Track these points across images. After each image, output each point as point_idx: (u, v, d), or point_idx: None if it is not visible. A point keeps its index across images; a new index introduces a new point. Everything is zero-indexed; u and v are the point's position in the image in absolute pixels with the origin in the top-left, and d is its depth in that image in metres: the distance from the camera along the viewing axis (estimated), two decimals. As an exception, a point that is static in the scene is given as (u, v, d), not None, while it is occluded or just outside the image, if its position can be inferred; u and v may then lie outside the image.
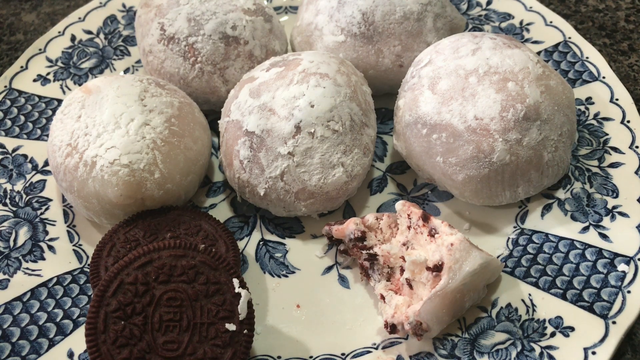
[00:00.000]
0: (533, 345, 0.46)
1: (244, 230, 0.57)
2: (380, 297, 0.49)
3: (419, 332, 0.46)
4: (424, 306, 0.45)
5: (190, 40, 0.60)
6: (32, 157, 0.61)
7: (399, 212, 0.51)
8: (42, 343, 0.49)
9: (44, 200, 0.58)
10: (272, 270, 0.54)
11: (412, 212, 0.50)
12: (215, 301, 0.44)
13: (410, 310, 0.46)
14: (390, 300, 0.48)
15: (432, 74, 0.53)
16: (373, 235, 0.52)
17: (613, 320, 0.46)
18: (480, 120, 0.50)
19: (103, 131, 0.51)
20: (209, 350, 0.43)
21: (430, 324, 0.46)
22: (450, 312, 0.47)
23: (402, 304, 0.48)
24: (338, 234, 0.52)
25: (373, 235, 0.52)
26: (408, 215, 0.50)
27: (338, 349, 0.49)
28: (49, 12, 0.79)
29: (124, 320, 0.43)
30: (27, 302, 0.51)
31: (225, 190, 0.60)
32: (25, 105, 0.65)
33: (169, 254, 0.45)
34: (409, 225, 0.50)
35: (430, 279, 0.47)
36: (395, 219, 0.52)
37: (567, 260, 0.50)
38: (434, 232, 0.48)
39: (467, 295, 0.47)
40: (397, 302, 0.48)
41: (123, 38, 0.72)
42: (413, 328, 0.46)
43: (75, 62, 0.69)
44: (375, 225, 0.52)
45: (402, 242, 0.51)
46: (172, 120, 0.54)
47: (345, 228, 0.52)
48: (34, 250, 0.55)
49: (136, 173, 0.51)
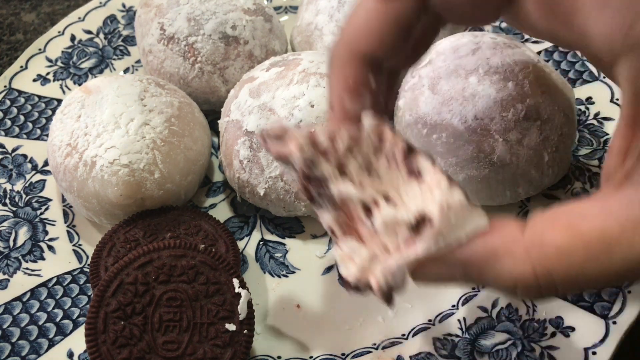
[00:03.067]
0: (533, 345, 0.46)
1: (243, 230, 0.57)
2: (331, 232, 0.36)
3: (390, 300, 0.35)
4: (395, 270, 0.34)
5: (190, 40, 0.60)
6: (32, 157, 0.61)
7: (365, 130, 0.36)
8: (41, 343, 0.49)
9: (43, 200, 0.58)
10: (272, 270, 0.54)
11: (388, 136, 0.36)
12: (215, 301, 0.44)
13: (379, 270, 0.34)
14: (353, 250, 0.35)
15: (432, 73, 0.53)
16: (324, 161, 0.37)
17: (613, 320, 0.46)
18: (481, 120, 0.50)
19: (103, 131, 0.51)
20: (208, 350, 0.43)
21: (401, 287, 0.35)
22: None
23: (366, 258, 0.35)
24: (279, 154, 0.37)
25: (324, 161, 0.37)
26: (380, 137, 0.36)
27: (338, 349, 0.49)
28: (48, 11, 0.79)
29: (124, 321, 0.43)
30: (26, 302, 0.51)
31: (225, 190, 0.60)
32: (25, 105, 0.65)
33: (169, 254, 0.45)
34: (376, 148, 0.36)
35: (406, 235, 0.34)
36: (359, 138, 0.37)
37: (568, 260, 0.50)
38: (415, 173, 0.35)
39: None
40: (361, 255, 0.35)
41: (123, 38, 0.72)
42: (384, 295, 0.34)
43: (75, 62, 0.69)
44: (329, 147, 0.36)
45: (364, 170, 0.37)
46: (172, 120, 0.54)
47: (288, 153, 0.36)
48: (34, 250, 0.55)
49: (136, 173, 0.51)
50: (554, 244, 0.29)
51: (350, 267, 0.35)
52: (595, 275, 0.29)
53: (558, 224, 0.30)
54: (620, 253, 0.28)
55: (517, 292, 0.31)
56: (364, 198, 0.36)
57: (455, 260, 0.32)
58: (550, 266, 0.29)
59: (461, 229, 0.32)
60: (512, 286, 0.30)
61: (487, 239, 0.31)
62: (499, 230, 0.31)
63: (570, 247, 0.29)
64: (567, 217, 0.30)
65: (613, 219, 0.28)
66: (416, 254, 0.33)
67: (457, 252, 0.32)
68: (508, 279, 0.30)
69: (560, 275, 0.29)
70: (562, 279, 0.29)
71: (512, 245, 0.30)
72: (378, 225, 0.35)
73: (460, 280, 0.33)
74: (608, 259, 0.28)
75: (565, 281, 0.29)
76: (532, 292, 0.30)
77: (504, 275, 0.30)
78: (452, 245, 0.32)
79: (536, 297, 0.32)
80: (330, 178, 0.36)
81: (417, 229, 0.33)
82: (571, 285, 0.29)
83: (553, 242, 0.29)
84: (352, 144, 0.36)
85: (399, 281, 0.34)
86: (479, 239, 0.31)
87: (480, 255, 0.31)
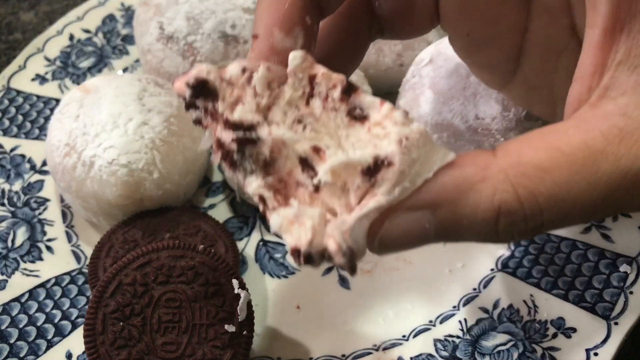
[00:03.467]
0: (535, 346, 0.46)
1: (243, 231, 0.57)
2: (259, 200, 0.30)
3: (353, 266, 0.28)
4: (355, 227, 0.28)
5: (190, 39, 0.60)
6: (31, 157, 0.61)
7: (292, 69, 0.30)
8: (40, 344, 0.49)
9: (42, 200, 0.58)
10: (272, 271, 0.54)
11: (320, 74, 0.30)
12: (214, 302, 0.44)
13: (335, 231, 0.28)
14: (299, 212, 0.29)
15: (433, 73, 0.53)
16: (229, 95, 0.30)
17: (615, 321, 0.46)
18: (482, 120, 0.50)
19: (101, 131, 0.51)
20: (208, 351, 0.43)
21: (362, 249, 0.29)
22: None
23: (317, 218, 0.29)
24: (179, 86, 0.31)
25: (229, 95, 0.30)
26: (311, 78, 0.30)
27: (338, 350, 0.49)
28: (47, 11, 0.79)
29: (123, 322, 0.43)
30: (25, 303, 0.51)
31: (224, 190, 0.60)
32: (24, 104, 0.65)
33: (168, 254, 0.45)
34: (307, 92, 0.30)
35: (360, 185, 0.29)
36: (284, 78, 0.31)
37: (569, 261, 0.50)
38: (359, 114, 0.29)
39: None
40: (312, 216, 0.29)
41: (122, 37, 0.71)
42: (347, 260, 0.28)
43: (74, 61, 0.69)
44: (240, 80, 0.30)
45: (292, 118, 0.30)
46: (171, 120, 0.53)
47: (187, 74, 0.31)
48: (32, 251, 0.55)
49: (135, 173, 0.50)
50: (533, 163, 0.26)
51: (297, 233, 0.29)
52: (582, 195, 0.26)
53: (534, 144, 0.27)
54: (606, 166, 0.26)
55: (499, 226, 0.27)
56: (301, 148, 0.30)
57: (423, 202, 0.27)
58: (534, 187, 0.26)
59: (425, 165, 0.27)
60: (493, 217, 0.26)
61: (456, 169, 0.27)
62: (468, 159, 0.27)
63: (553, 164, 0.26)
64: (543, 137, 0.27)
65: (596, 132, 0.26)
66: (377, 203, 0.28)
67: (423, 192, 0.27)
68: (488, 208, 0.26)
69: (545, 197, 0.26)
70: (547, 201, 0.26)
71: (486, 171, 0.26)
72: (323, 177, 0.29)
73: (431, 232, 0.28)
74: (594, 173, 0.26)
75: (551, 205, 0.26)
76: (518, 221, 0.27)
77: (483, 205, 0.26)
78: (417, 184, 0.27)
79: (521, 231, 0.27)
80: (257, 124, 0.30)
81: (373, 174, 0.28)
82: (557, 209, 0.26)
83: (532, 161, 0.26)
84: (275, 85, 0.30)
85: (360, 243, 0.29)
86: (446, 170, 0.27)
87: (452, 188, 0.27)
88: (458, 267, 0.52)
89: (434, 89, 0.52)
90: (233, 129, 0.30)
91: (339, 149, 0.29)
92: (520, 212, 0.26)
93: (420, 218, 0.27)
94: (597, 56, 0.28)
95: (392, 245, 0.29)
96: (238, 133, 0.30)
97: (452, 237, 0.28)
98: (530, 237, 0.27)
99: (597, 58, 0.28)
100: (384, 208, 0.28)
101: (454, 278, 0.51)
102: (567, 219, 0.27)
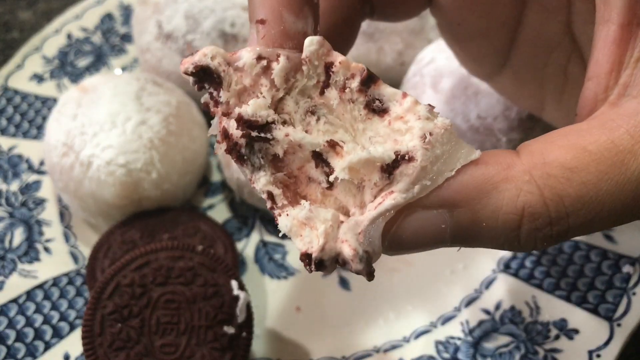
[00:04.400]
0: (537, 348, 0.46)
1: (242, 232, 0.56)
2: (268, 197, 0.28)
3: (370, 270, 0.27)
4: (370, 228, 0.26)
5: (188, 38, 0.60)
6: (28, 157, 0.61)
7: (308, 56, 0.28)
8: (37, 346, 0.49)
9: (40, 200, 0.58)
10: (271, 272, 0.53)
11: (338, 62, 0.28)
12: (213, 303, 0.44)
13: (349, 234, 0.26)
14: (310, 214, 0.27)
15: (434, 72, 0.53)
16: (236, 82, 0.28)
17: (618, 322, 0.46)
18: (484, 119, 0.49)
19: (99, 130, 0.51)
20: (207, 353, 0.43)
21: (378, 251, 0.27)
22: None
23: (330, 220, 0.27)
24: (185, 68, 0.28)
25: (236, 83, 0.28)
26: (327, 66, 0.28)
27: (339, 352, 0.48)
28: (45, 9, 0.79)
29: (121, 323, 0.43)
30: (22, 304, 0.51)
31: (224, 190, 0.59)
32: (22, 104, 0.65)
33: (166, 255, 0.45)
34: (322, 82, 0.28)
35: (377, 182, 0.27)
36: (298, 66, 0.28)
37: (572, 261, 0.50)
38: (379, 106, 0.27)
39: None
40: (324, 218, 0.27)
41: (120, 36, 0.71)
42: (364, 264, 0.26)
43: (72, 60, 0.69)
44: (254, 69, 0.28)
45: (305, 109, 0.28)
46: (169, 119, 0.53)
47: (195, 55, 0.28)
48: (30, 252, 0.54)
49: (133, 173, 0.50)
50: (559, 163, 0.24)
51: (309, 237, 0.27)
52: (610, 196, 0.24)
53: (558, 143, 0.25)
54: (635, 165, 0.24)
55: (522, 230, 0.25)
56: (315, 142, 0.28)
57: (441, 201, 0.25)
58: (561, 189, 0.24)
59: (448, 163, 0.26)
60: (516, 221, 0.25)
61: (479, 168, 0.25)
62: (491, 158, 0.26)
63: (579, 164, 0.24)
64: (566, 136, 0.26)
65: (622, 131, 0.25)
66: (394, 201, 0.26)
67: (443, 190, 0.25)
68: (511, 209, 0.25)
69: (572, 199, 0.24)
70: (574, 203, 0.24)
71: (509, 171, 0.25)
72: (341, 174, 0.27)
73: (447, 234, 0.26)
74: (622, 173, 0.24)
75: (578, 207, 0.24)
76: (543, 225, 0.25)
77: (506, 207, 0.25)
78: (437, 182, 0.25)
79: (546, 236, 0.25)
80: (272, 122, 0.27)
81: (392, 170, 0.26)
82: (585, 213, 0.25)
83: (557, 161, 0.25)
84: (292, 74, 0.28)
85: (375, 244, 0.26)
86: (468, 169, 0.25)
87: (473, 188, 0.25)
88: (459, 268, 0.52)
89: (435, 88, 0.52)
90: (245, 125, 0.27)
91: (355, 144, 0.28)
92: (545, 215, 0.25)
93: (436, 218, 0.26)
94: (613, 53, 0.27)
95: (403, 246, 0.27)
96: (251, 131, 0.27)
97: (469, 241, 0.27)
98: (554, 244, 0.26)
99: (613, 55, 0.27)
100: (401, 206, 0.26)
101: (455, 279, 0.51)
102: (594, 223, 0.25)
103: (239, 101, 0.28)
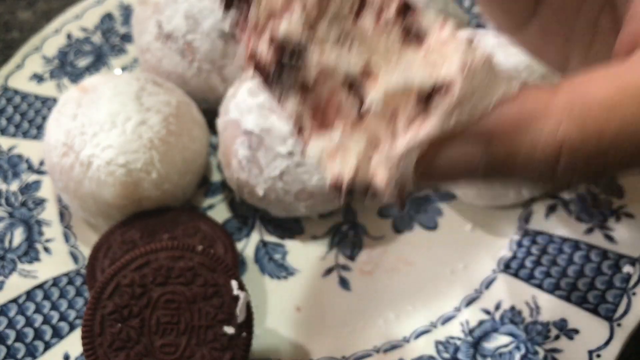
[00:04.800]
0: (537, 348, 0.46)
1: (242, 231, 0.56)
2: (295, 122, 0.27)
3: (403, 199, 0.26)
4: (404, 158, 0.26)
5: (188, 38, 0.60)
6: (28, 157, 0.61)
7: None
8: (37, 346, 0.49)
9: (39, 200, 0.58)
10: (271, 272, 0.53)
11: None
12: (213, 303, 0.44)
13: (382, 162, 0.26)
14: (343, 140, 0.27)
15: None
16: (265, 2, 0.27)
17: (618, 322, 0.46)
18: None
19: (99, 130, 0.51)
20: (207, 353, 0.43)
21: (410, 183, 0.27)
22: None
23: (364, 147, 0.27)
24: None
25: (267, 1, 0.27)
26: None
27: (339, 352, 0.48)
28: (45, 9, 0.79)
29: (121, 323, 0.43)
30: (22, 305, 0.51)
31: (224, 190, 0.59)
32: (22, 104, 0.65)
33: (166, 255, 0.45)
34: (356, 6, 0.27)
35: (411, 113, 0.26)
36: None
37: (572, 261, 0.50)
38: (415, 36, 0.26)
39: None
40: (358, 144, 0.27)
41: (120, 36, 0.71)
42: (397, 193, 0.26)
43: (72, 60, 0.69)
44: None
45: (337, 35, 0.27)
46: (169, 119, 0.53)
47: None
48: (30, 252, 0.54)
49: (133, 173, 0.50)
50: (600, 98, 0.24)
51: (339, 166, 0.26)
52: None
53: (599, 81, 0.25)
54: None
55: (559, 164, 0.25)
56: (349, 68, 0.26)
57: (477, 133, 0.25)
58: (601, 124, 0.24)
59: (486, 96, 0.25)
60: (554, 155, 0.24)
61: (518, 102, 0.25)
62: (530, 92, 0.25)
63: (621, 99, 0.24)
64: (608, 73, 0.25)
65: None
66: (430, 132, 0.25)
67: (480, 122, 0.25)
68: (550, 143, 0.24)
69: (612, 134, 0.24)
70: (614, 139, 0.24)
71: (549, 105, 0.25)
72: (375, 101, 0.26)
73: (481, 165, 0.26)
74: None
75: (618, 143, 0.24)
76: (581, 160, 0.24)
77: (544, 141, 0.24)
78: (474, 115, 0.25)
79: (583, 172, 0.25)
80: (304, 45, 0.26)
81: (428, 101, 0.25)
82: (624, 150, 0.24)
83: (599, 96, 0.24)
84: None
85: (408, 175, 0.26)
86: (506, 102, 0.25)
87: (511, 121, 0.25)
88: (459, 268, 0.52)
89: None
90: (276, 48, 0.26)
91: (390, 73, 0.26)
92: (584, 149, 0.24)
93: (471, 150, 0.25)
94: None
95: (435, 176, 0.27)
96: (282, 56, 0.26)
97: (503, 174, 0.26)
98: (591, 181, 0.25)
99: None
100: (435, 138, 0.25)
101: (455, 279, 0.51)
102: (632, 162, 0.25)
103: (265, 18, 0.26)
